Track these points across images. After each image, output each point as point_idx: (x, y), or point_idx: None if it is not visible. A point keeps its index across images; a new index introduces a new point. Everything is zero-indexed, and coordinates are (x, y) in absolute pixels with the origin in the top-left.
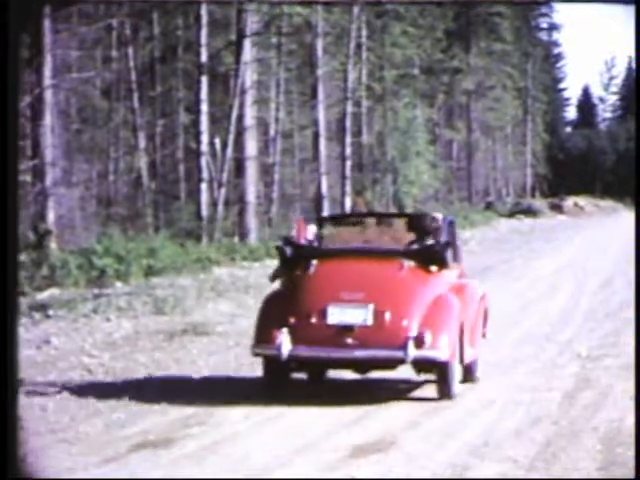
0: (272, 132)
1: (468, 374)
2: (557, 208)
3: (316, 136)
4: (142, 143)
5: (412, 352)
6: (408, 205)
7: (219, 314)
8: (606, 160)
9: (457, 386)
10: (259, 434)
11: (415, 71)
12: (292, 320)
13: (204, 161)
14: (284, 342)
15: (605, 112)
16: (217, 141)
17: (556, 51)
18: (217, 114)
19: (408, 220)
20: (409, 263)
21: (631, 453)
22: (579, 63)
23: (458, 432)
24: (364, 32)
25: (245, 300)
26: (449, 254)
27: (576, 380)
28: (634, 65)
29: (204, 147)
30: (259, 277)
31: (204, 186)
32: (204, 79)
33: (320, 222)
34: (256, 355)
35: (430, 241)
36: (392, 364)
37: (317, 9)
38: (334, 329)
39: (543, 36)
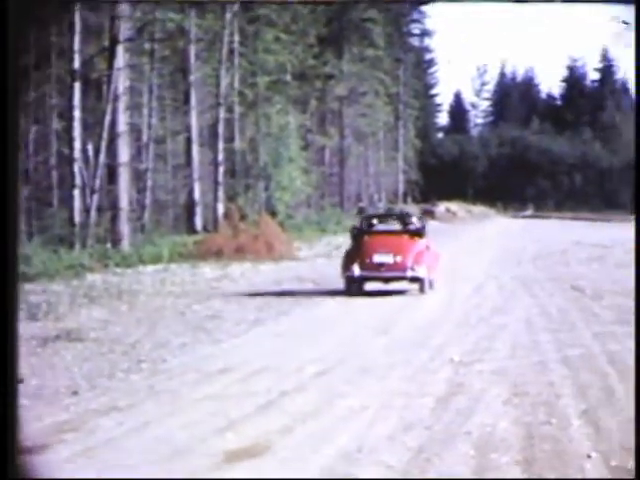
0: (145, 138)
1: (430, 285)
2: (429, 214)
3: (189, 142)
4: None
5: (409, 273)
6: (281, 211)
7: (92, 320)
8: (477, 165)
9: (427, 290)
10: (132, 439)
11: (287, 77)
12: (359, 260)
13: (77, 167)
14: (356, 269)
15: (477, 118)
16: (90, 147)
17: (428, 57)
18: (90, 120)
19: (399, 216)
20: (406, 236)
21: (505, 459)
22: (451, 69)
23: (332, 437)
24: (236, 38)
25: (118, 306)
26: (424, 232)
27: (449, 385)
28: (509, 70)
29: (77, 153)
30: (132, 283)
31: (77, 192)
32: (77, 85)
33: (366, 218)
34: (344, 276)
35: (413, 226)
36: (401, 279)
37: (190, 15)
38: (377, 264)
39: (415, 42)
